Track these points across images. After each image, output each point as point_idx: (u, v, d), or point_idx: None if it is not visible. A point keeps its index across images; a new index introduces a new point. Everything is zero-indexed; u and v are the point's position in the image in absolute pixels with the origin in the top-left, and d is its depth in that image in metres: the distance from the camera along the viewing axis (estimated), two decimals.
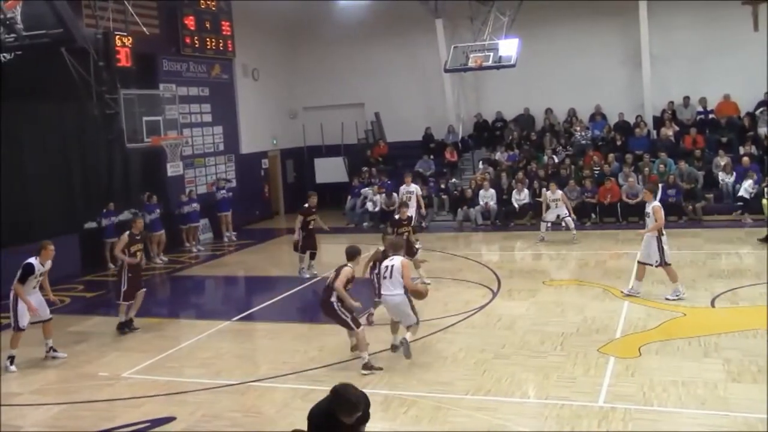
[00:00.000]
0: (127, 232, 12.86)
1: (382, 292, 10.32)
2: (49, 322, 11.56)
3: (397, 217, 14.83)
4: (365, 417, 5.55)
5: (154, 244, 19.20)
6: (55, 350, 11.53)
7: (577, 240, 18.45)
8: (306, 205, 16.20)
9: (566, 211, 19.01)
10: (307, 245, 16.15)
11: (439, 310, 12.82)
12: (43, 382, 10.44)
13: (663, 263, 12.70)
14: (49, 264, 11.44)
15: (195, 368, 10.69)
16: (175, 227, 20.52)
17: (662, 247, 12.63)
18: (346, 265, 10.09)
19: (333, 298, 9.97)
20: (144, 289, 12.99)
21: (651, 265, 12.76)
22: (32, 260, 11.25)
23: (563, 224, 19.07)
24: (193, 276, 18.01)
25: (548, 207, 19.18)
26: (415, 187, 20.05)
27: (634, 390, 8.78)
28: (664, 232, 12.71)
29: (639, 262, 13.06)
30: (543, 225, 19.22)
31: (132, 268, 12.64)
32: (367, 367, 9.93)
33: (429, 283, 13.12)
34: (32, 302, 11.10)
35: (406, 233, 14.10)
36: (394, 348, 10.35)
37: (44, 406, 9.45)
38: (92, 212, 18.80)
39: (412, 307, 10.28)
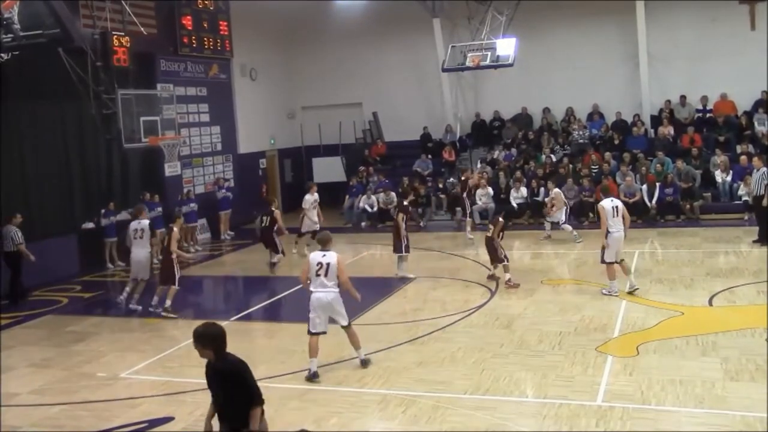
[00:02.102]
0: (176, 229, 13.94)
1: (313, 289, 9.76)
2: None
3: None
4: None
5: (159, 242, 19.23)
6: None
7: (579, 239, 18.35)
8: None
9: (564, 217, 18.94)
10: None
11: (437, 309, 12.84)
12: (42, 382, 10.43)
13: (602, 260, 13.04)
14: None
15: (193, 368, 10.62)
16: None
17: (605, 246, 12.92)
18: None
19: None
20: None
21: (615, 262, 13.02)
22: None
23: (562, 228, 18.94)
24: (191, 276, 17.98)
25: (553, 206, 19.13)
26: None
27: (632, 389, 8.79)
28: (611, 231, 12.91)
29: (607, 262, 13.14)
30: (547, 225, 19.30)
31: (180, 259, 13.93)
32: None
33: None
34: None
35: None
36: (314, 375, 9.65)
37: (43, 406, 9.44)
38: (90, 212, 18.80)
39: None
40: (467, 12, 21.90)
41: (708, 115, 23.50)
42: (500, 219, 14.89)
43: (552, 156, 23.41)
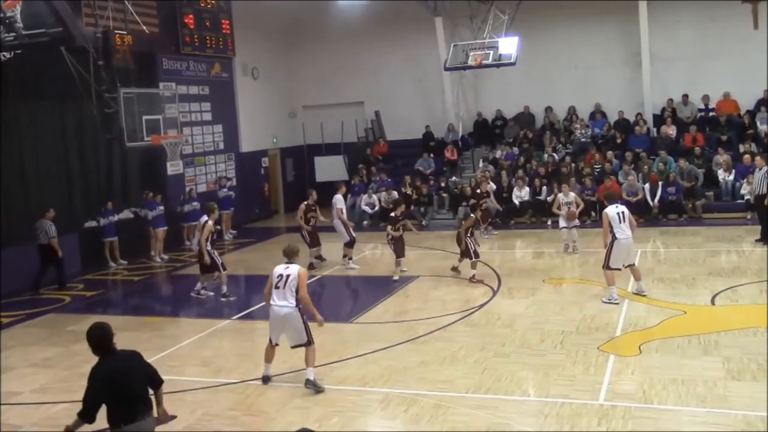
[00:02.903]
0: (209, 222, 14.61)
1: (271, 303, 9.33)
2: None
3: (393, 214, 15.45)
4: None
5: (156, 241, 19.28)
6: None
7: (577, 250, 17.40)
8: (307, 201, 16.93)
9: (575, 232, 17.55)
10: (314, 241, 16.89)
11: (438, 308, 12.84)
12: (43, 381, 10.44)
13: (606, 266, 12.67)
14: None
15: (195, 367, 10.69)
16: (176, 226, 20.52)
17: (610, 252, 12.61)
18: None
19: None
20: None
21: (619, 269, 12.70)
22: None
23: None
24: (194, 275, 17.92)
25: (560, 209, 18.03)
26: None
27: (634, 388, 8.78)
28: (618, 237, 12.63)
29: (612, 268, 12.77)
30: (564, 232, 17.50)
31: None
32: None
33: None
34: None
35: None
36: (265, 379, 9.55)
37: (44, 405, 9.44)
38: (92, 211, 18.81)
39: (306, 326, 9.30)
40: (469, 11, 21.85)
41: (710, 114, 23.47)
42: (471, 215, 15.38)
43: (554, 155, 23.39)
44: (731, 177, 20.80)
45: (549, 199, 20.60)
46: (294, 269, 9.29)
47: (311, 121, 27.79)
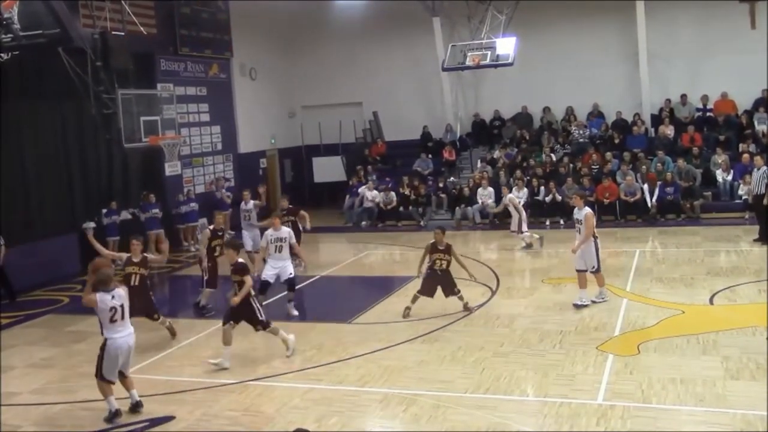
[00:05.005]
0: (209, 228, 14.17)
1: (108, 336, 8.73)
2: None
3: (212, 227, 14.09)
4: None
5: (151, 243, 19.22)
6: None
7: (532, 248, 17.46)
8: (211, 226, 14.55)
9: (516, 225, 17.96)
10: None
11: (438, 308, 12.83)
12: (43, 381, 10.44)
13: (598, 269, 12.55)
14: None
15: (194, 367, 10.69)
16: (174, 227, 20.50)
17: (598, 252, 12.51)
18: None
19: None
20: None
21: (587, 271, 12.54)
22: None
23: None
24: (192, 275, 17.96)
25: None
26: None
27: (633, 388, 8.79)
28: (597, 236, 12.61)
29: (577, 270, 12.67)
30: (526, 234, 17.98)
31: (212, 260, 13.54)
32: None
33: None
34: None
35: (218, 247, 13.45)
36: (135, 406, 9.02)
37: (44, 406, 9.44)
38: (91, 212, 18.79)
39: None
40: (467, 11, 21.88)
41: (708, 114, 23.49)
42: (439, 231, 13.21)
43: (552, 155, 23.41)
44: (729, 177, 20.84)
45: (548, 199, 20.65)
46: (121, 295, 8.84)
47: (309, 121, 27.80)
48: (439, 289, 12.47)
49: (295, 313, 13.12)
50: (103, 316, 8.76)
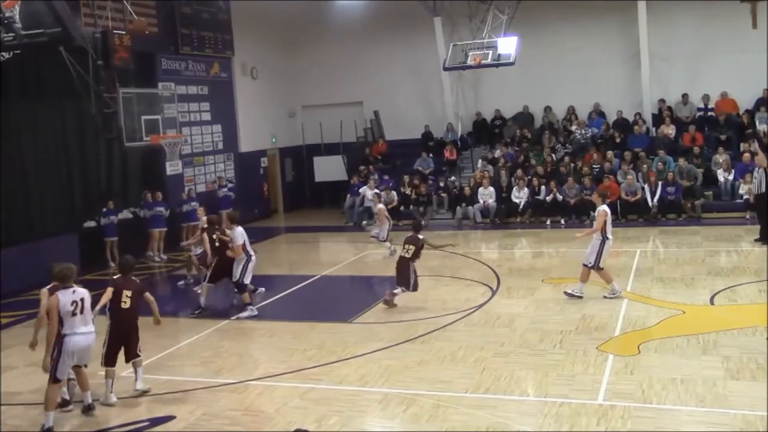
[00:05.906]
0: (205, 225, 14.44)
1: (67, 332, 8.71)
2: None
3: None
4: None
5: (153, 241, 19.28)
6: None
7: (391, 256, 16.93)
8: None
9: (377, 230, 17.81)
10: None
11: (438, 308, 12.84)
12: (43, 381, 10.38)
13: (596, 266, 12.72)
14: None
15: (194, 367, 10.70)
16: (175, 226, 20.51)
17: (602, 252, 12.66)
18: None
19: None
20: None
21: (587, 266, 12.76)
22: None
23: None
24: (193, 274, 17.97)
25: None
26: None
27: (633, 388, 8.79)
28: (609, 237, 12.72)
29: (583, 265, 12.92)
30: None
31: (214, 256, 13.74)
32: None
33: None
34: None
35: None
36: (88, 409, 9.02)
37: (44, 406, 9.42)
38: (91, 211, 18.81)
39: None
40: (468, 11, 21.86)
41: (709, 113, 23.47)
42: (419, 237, 13.33)
43: (553, 155, 23.40)
44: (730, 176, 20.82)
45: (548, 198, 20.63)
46: (85, 292, 9.01)
47: (310, 120, 27.80)
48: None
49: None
50: (64, 313, 8.71)
